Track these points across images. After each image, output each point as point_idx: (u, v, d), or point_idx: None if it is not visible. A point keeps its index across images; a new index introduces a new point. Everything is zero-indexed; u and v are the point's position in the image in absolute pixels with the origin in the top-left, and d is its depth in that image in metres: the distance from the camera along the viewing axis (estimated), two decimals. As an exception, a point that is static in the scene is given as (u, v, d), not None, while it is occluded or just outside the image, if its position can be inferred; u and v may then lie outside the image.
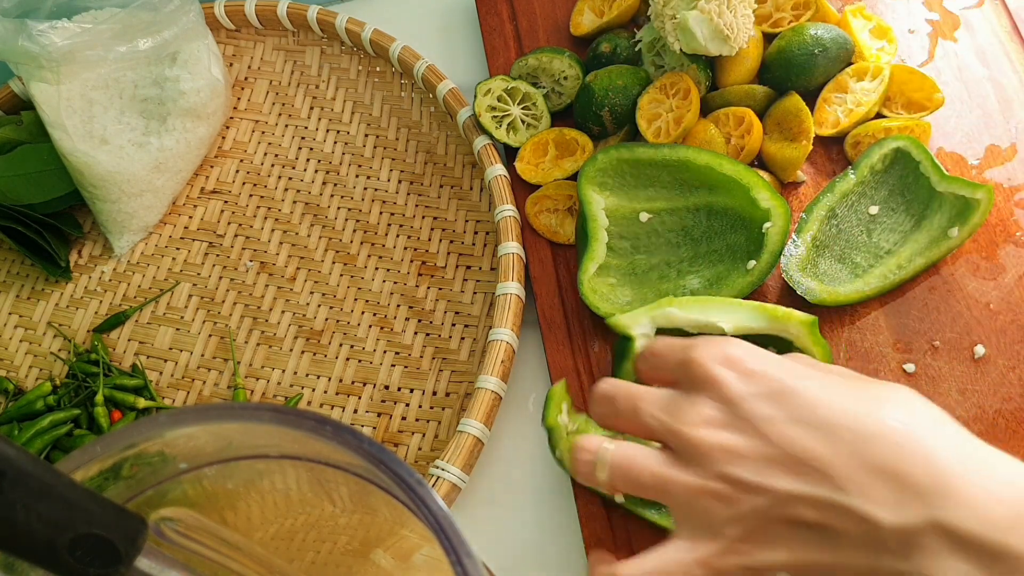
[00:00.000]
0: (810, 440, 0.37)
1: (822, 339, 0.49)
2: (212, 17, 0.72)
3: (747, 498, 0.38)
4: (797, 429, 0.37)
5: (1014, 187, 0.56)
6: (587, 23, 0.66)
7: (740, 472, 0.38)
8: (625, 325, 0.50)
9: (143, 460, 0.32)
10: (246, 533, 0.38)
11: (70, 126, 0.63)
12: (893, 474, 0.35)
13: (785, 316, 0.49)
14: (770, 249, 0.52)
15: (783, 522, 0.37)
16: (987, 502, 0.34)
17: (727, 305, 0.50)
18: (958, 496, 0.34)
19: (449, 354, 0.60)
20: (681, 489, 0.39)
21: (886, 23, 0.60)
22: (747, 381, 0.39)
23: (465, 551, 0.27)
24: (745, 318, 0.49)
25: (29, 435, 0.57)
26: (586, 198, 0.56)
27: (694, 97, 0.57)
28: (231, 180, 0.70)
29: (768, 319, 0.49)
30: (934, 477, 0.35)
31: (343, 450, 0.30)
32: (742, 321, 0.49)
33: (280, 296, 0.64)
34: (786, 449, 0.37)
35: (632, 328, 0.50)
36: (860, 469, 0.36)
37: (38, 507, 0.27)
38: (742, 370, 0.39)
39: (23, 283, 0.68)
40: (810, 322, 0.48)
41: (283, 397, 0.61)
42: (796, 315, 0.49)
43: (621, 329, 0.50)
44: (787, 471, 0.37)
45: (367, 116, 0.70)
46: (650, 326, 0.50)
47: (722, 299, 0.50)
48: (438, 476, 0.52)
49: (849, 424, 0.37)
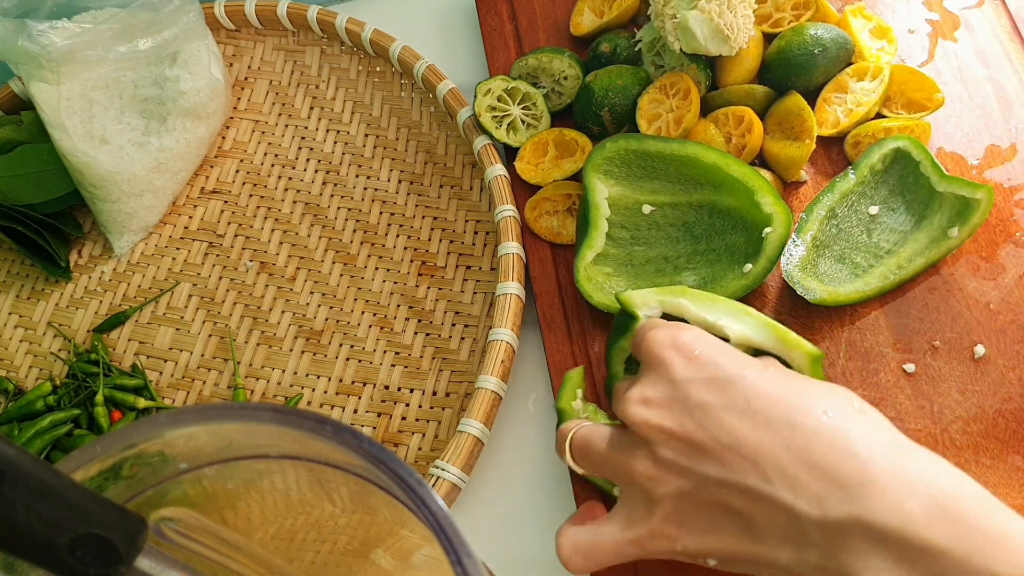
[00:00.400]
0: (743, 429, 0.38)
1: (823, 376, 0.46)
2: (212, 17, 0.72)
3: (675, 480, 0.39)
4: (732, 417, 0.38)
5: (1014, 187, 0.56)
6: (587, 23, 0.66)
7: (669, 454, 0.39)
8: (634, 304, 0.49)
9: (143, 460, 0.32)
10: (246, 533, 0.38)
11: (70, 126, 0.63)
12: (820, 469, 0.36)
13: (794, 343, 0.46)
14: (768, 255, 0.52)
15: (710, 507, 0.38)
16: (906, 498, 0.34)
17: (739, 312, 0.48)
18: (881, 492, 0.34)
19: (449, 354, 0.60)
20: (620, 467, 0.41)
21: (886, 23, 0.60)
22: (691, 366, 0.40)
23: (465, 551, 0.27)
24: (753, 331, 0.47)
25: (29, 435, 0.57)
26: (590, 185, 0.56)
27: (694, 97, 0.57)
28: (231, 180, 0.70)
29: (776, 339, 0.47)
30: (860, 474, 0.35)
31: (343, 450, 0.30)
32: (749, 333, 0.47)
33: (280, 296, 0.64)
34: (717, 436, 0.38)
35: (640, 309, 0.49)
36: (789, 461, 0.36)
37: (38, 507, 0.27)
38: (688, 355, 0.41)
39: (23, 283, 0.68)
40: (815, 356, 0.46)
41: (283, 397, 0.61)
42: (805, 346, 0.46)
43: (629, 307, 0.49)
44: (715, 457, 0.38)
45: (367, 116, 0.70)
46: (659, 310, 0.49)
47: (736, 304, 0.48)
48: (438, 476, 0.52)
49: (783, 416, 0.37)
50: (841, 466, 0.35)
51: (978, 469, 0.49)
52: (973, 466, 0.49)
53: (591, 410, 0.52)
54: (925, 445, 0.49)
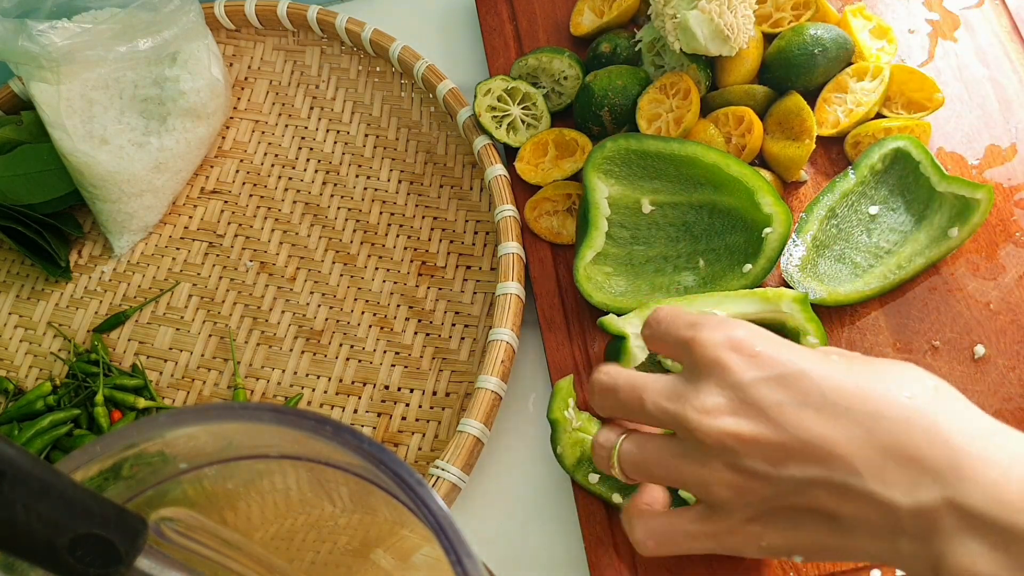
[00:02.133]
0: (821, 424, 0.36)
1: (815, 316, 0.49)
2: (212, 17, 0.72)
3: (758, 487, 0.37)
4: (808, 413, 0.36)
5: (1014, 187, 0.56)
6: (587, 23, 0.66)
7: (751, 463, 0.37)
8: (619, 326, 0.50)
9: (143, 460, 0.32)
10: (246, 533, 0.38)
11: (70, 126, 0.63)
12: (906, 455, 0.35)
13: (776, 296, 0.49)
14: (767, 255, 0.52)
15: (797, 508, 0.37)
16: (1001, 482, 0.33)
17: (718, 298, 0.50)
18: (972, 476, 0.33)
19: (449, 354, 0.60)
20: (692, 479, 0.39)
21: (886, 23, 0.60)
22: (753, 365, 0.38)
23: (465, 551, 0.27)
24: (738, 306, 0.50)
25: (29, 435, 0.57)
26: (591, 184, 0.56)
27: (694, 97, 0.57)
28: (231, 180, 0.70)
29: (760, 301, 0.50)
30: (948, 457, 0.34)
31: (343, 450, 0.30)
32: (736, 309, 0.50)
33: (280, 296, 0.64)
34: (797, 435, 0.36)
35: (626, 327, 0.50)
36: (873, 451, 0.35)
37: (38, 507, 0.27)
38: (748, 353, 0.38)
39: (23, 283, 0.68)
40: (802, 298, 0.49)
41: (283, 397, 0.61)
42: (787, 293, 0.49)
43: (614, 329, 0.50)
44: (799, 458, 0.36)
45: (367, 116, 0.70)
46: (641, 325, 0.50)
47: (710, 294, 0.51)
48: (438, 476, 0.52)
49: (859, 405, 0.36)
50: (930, 451, 0.34)
51: (978, 469, 0.49)
52: (973, 466, 0.49)
53: (584, 419, 0.52)
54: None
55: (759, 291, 0.50)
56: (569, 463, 0.50)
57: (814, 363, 0.38)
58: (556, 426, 0.51)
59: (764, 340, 0.39)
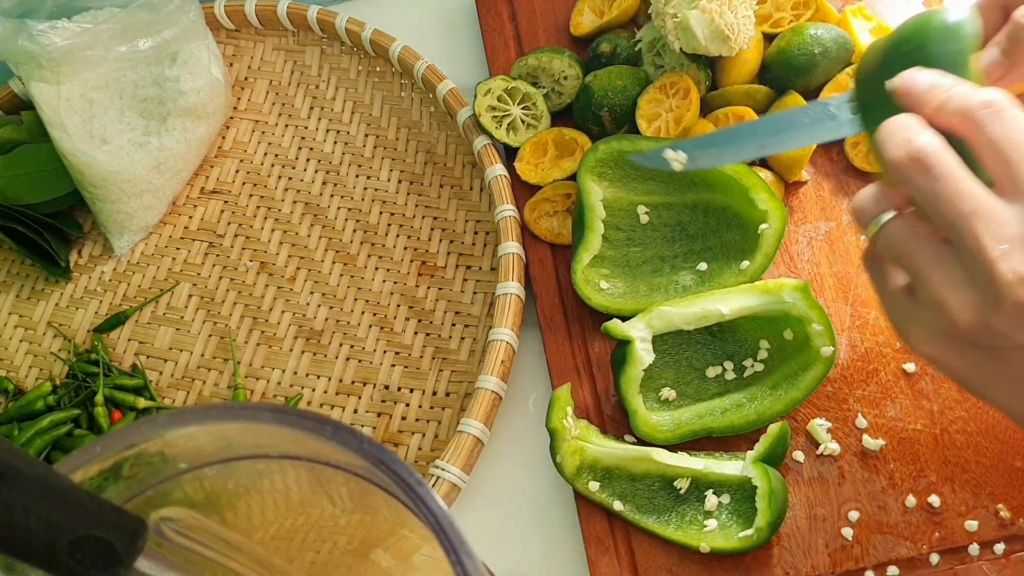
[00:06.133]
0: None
1: (817, 303, 0.50)
2: (212, 17, 0.72)
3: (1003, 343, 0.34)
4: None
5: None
6: (587, 23, 0.66)
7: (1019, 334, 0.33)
8: (623, 330, 0.50)
9: (143, 460, 0.32)
10: (246, 533, 0.38)
11: (70, 126, 0.63)
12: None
13: (777, 287, 0.50)
14: (764, 251, 0.52)
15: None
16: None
17: (719, 294, 0.51)
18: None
19: (449, 354, 0.60)
20: (953, 297, 0.35)
21: (886, 23, 0.60)
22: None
23: (465, 551, 0.27)
24: (740, 301, 0.50)
25: (29, 435, 0.57)
26: (585, 187, 0.56)
27: (694, 97, 0.57)
28: (231, 180, 0.70)
29: (761, 294, 0.50)
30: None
31: (343, 450, 0.30)
32: (739, 303, 0.50)
33: (280, 296, 0.64)
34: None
35: (630, 331, 0.50)
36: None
37: (38, 509, 0.27)
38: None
39: (23, 283, 0.68)
40: (803, 286, 0.50)
41: (283, 397, 0.61)
42: (787, 283, 0.50)
43: (619, 334, 0.50)
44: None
45: (367, 116, 0.70)
46: (646, 329, 0.51)
47: (710, 292, 0.52)
48: (438, 476, 0.52)
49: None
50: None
51: (978, 469, 0.49)
52: (973, 466, 0.49)
53: (582, 426, 0.52)
54: (925, 445, 0.50)
55: (759, 284, 0.50)
56: (569, 472, 0.50)
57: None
58: (555, 435, 0.50)
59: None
